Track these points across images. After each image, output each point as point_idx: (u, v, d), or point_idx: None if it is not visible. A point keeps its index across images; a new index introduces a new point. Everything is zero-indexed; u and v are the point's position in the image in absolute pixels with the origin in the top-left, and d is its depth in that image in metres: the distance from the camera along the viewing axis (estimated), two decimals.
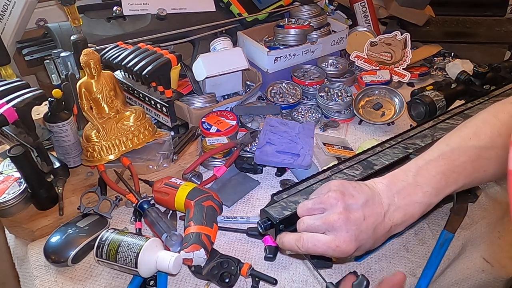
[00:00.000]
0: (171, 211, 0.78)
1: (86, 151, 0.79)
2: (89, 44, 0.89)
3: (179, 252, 0.63)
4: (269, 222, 0.54)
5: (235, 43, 1.17)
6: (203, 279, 0.65)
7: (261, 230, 0.54)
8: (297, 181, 0.82)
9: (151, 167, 0.82)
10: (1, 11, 1.02)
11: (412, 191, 0.51)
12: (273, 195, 0.58)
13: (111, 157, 0.78)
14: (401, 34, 1.17)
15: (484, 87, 1.00)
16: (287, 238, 0.52)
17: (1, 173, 0.77)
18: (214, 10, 1.19)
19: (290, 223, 0.54)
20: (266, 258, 0.69)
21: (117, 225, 0.76)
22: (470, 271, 0.73)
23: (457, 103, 0.95)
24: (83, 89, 0.78)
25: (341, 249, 0.49)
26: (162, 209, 0.77)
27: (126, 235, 0.65)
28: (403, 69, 1.15)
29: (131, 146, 0.80)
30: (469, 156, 0.51)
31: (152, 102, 0.90)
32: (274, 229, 0.54)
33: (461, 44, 1.31)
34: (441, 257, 0.67)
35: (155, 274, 0.65)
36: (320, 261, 0.59)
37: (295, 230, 0.55)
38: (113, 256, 0.63)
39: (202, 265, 0.64)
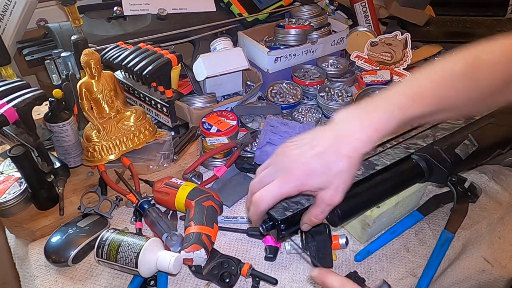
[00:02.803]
0: (171, 211, 0.78)
1: (87, 151, 0.79)
2: (89, 44, 0.89)
3: (179, 252, 0.63)
4: (271, 223, 0.54)
5: (235, 43, 1.17)
6: (203, 279, 0.65)
7: (262, 231, 0.54)
8: None
9: (151, 167, 0.82)
10: (2, 11, 1.02)
11: (370, 106, 0.49)
12: None
13: (112, 157, 0.78)
14: (402, 34, 1.17)
15: None
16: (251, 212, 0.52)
17: (2, 173, 0.77)
18: (215, 10, 1.19)
19: (292, 223, 0.54)
20: (266, 258, 0.69)
21: (117, 225, 0.76)
22: (471, 271, 0.73)
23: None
24: (84, 89, 0.78)
25: (290, 177, 0.47)
26: (163, 209, 0.77)
27: (127, 235, 0.65)
28: (403, 69, 1.15)
29: (131, 146, 0.80)
30: (437, 83, 0.50)
31: (153, 102, 0.90)
32: (276, 229, 0.54)
33: (461, 44, 1.31)
34: (442, 257, 0.67)
35: (156, 274, 0.65)
36: (321, 260, 0.59)
37: (297, 231, 0.55)
38: (114, 256, 0.63)
39: (203, 265, 0.64)
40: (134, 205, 0.75)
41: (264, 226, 0.54)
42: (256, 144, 0.90)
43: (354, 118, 0.49)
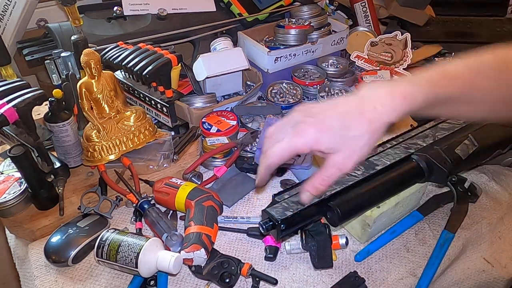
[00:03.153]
0: (171, 211, 0.78)
1: (87, 151, 0.79)
2: (89, 44, 0.89)
3: (179, 252, 0.63)
4: (271, 223, 0.54)
5: (235, 43, 1.17)
6: (203, 279, 0.65)
7: (263, 231, 0.54)
8: (297, 181, 0.83)
9: (151, 167, 0.82)
10: (2, 11, 1.02)
11: (398, 80, 0.48)
12: (275, 195, 0.58)
13: (112, 157, 0.78)
14: (402, 34, 1.17)
15: None
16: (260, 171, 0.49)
17: (2, 173, 0.77)
18: (215, 10, 1.19)
19: (292, 223, 0.54)
20: (266, 258, 0.69)
21: (117, 225, 0.76)
22: (471, 271, 0.73)
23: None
24: (84, 89, 0.78)
25: (304, 131, 0.45)
26: (163, 209, 0.77)
27: (127, 235, 0.65)
28: (403, 69, 1.15)
29: (131, 146, 0.80)
30: (469, 68, 0.49)
31: (153, 102, 0.90)
32: (276, 229, 0.54)
33: (461, 44, 1.31)
34: (442, 257, 0.67)
35: (156, 274, 0.65)
36: (321, 260, 0.59)
37: (297, 231, 0.55)
38: (114, 256, 0.63)
39: (203, 265, 0.64)
40: (134, 205, 0.75)
41: (264, 226, 0.54)
42: (256, 144, 0.90)
43: (381, 87, 0.46)
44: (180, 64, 0.92)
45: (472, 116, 0.53)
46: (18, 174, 0.75)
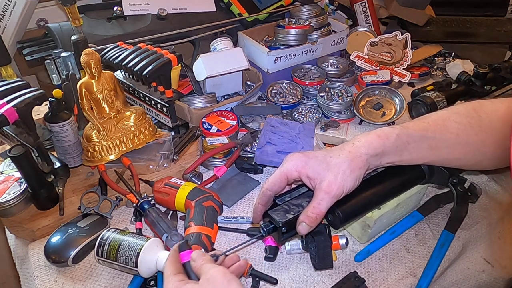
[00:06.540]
0: (171, 211, 0.78)
1: (87, 151, 0.79)
2: (89, 44, 0.89)
3: None
4: (272, 226, 0.54)
5: (235, 43, 1.17)
6: None
7: (263, 234, 0.54)
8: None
9: (151, 167, 0.82)
10: (2, 11, 1.02)
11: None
12: (276, 198, 0.58)
13: (112, 157, 0.78)
14: (402, 34, 1.17)
15: (485, 87, 1.00)
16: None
17: (2, 173, 0.77)
18: (215, 10, 1.20)
19: (293, 226, 0.54)
20: (266, 258, 0.69)
21: (117, 225, 0.76)
22: (471, 271, 0.73)
23: (458, 103, 0.95)
24: (84, 89, 0.78)
25: (292, 157, 0.55)
26: (163, 209, 0.77)
27: (127, 234, 0.65)
28: (403, 69, 1.15)
29: (131, 146, 0.80)
30: (440, 116, 0.59)
31: (153, 102, 0.90)
32: (277, 232, 0.54)
33: (461, 44, 1.31)
34: (442, 257, 0.67)
35: (156, 274, 0.65)
36: (321, 261, 0.59)
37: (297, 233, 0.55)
38: (114, 255, 0.63)
39: None
40: (134, 205, 0.74)
41: (265, 229, 0.54)
42: (256, 144, 0.90)
43: (360, 134, 0.56)
44: (180, 64, 0.92)
45: (455, 160, 0.59)
46: (18, 174, 0.75)
